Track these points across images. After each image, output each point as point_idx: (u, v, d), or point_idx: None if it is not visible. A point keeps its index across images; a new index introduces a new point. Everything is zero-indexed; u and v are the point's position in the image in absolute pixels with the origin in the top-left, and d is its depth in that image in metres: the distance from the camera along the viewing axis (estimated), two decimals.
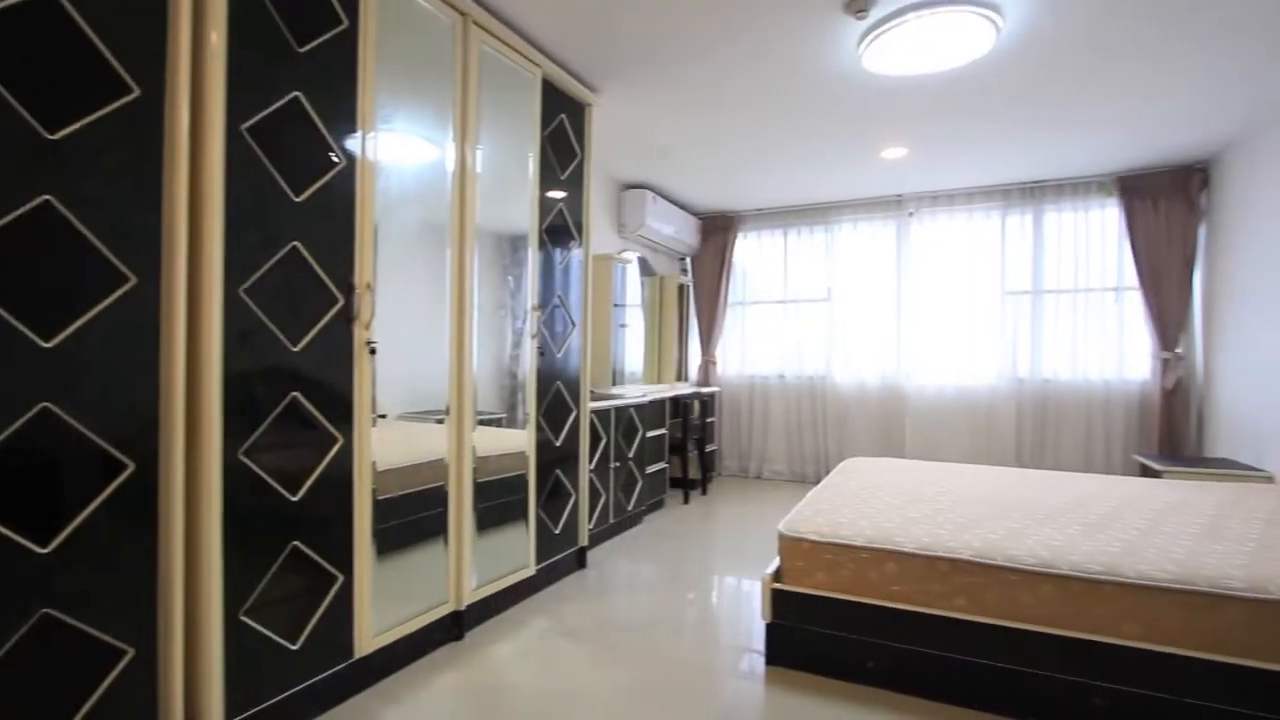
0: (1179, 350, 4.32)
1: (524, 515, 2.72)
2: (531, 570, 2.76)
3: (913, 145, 3.94)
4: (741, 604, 2.80)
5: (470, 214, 2.37)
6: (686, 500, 4.70)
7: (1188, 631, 1.72)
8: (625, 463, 3.84)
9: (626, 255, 4.66)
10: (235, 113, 1.60)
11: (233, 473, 1.60)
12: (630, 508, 3.92)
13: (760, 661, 2.20)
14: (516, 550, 2.68)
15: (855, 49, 2.69)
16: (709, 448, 5.37)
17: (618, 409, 3.74)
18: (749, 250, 5.78)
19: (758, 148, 4.01)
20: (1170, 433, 4.35)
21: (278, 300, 1.71)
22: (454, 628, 2.36)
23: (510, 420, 2.68)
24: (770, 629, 2.18)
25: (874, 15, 2.44)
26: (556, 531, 2.98)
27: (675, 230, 5.21)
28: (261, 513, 1.68)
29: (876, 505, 2.47)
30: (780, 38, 2.64)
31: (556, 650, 2.31)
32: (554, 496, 2.96)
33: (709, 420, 5.38)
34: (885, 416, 5.24)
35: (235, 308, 1.61)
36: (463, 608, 2.36)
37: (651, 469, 4.28)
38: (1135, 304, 4.47)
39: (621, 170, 4.55)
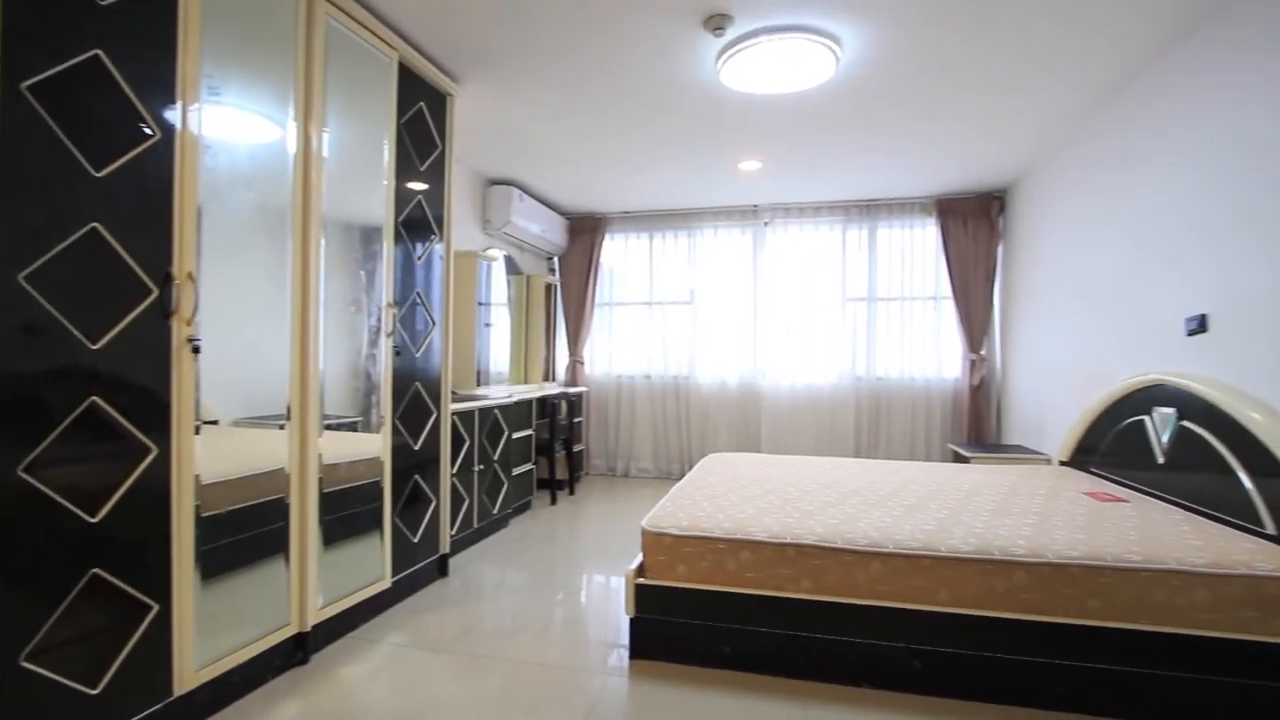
0: (983, 352, 5.00)
1: (378, 525, 2.56)
2: (387, 583, 2.61)
3: (767, 159, 4.21)
4: (610, 601, 2.83)
5: (315, 201, 2.19)
6: (554, 501, 4.68)
7: (985, 595, 1.99)
8: (490, 465, 3.75)
9: (492, 253, 4.55)
10: (13, 67, 1.36)
11: (10, 492, 1.36)
12: (496, 511, 3.83)
13: (626, 656, 2.24)
14: (370, 563, 2.52)
15: (714, 64, 2.83)
16: (577, 448, 5.38)
17: (482, 410, 3.63)
18: (616, 252, 5.87)
19: (623, 151, 4.09)
20: (976, 423, 5.02)
21: (71, 290, 1.48)
22: (297, 651, 2.17)
23: (365, 424, 2.51)
24: (634, 623, 2.23)
25: (731, 34, 2.58)
26: (415, 540, 2.83)
27: (543, 229, 5.17)
28: (50, 538, 1.44)
29: (733, 498, 2.61)
30: (643, 46, 2.71)
31: (414, 665, 2.20)
32: (412, 503, 2.81)
33: (576, 420, 5.39)
34: (743, 414, 5.55)
35: (13, 297, 1.37)
36: (307, 629, 2.18)
37: (518, 470, 4.21)
38: (949, 312, 5.11)
39: (487, 165, 4.43)
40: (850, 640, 2.06)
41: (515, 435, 4.17)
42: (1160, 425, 2.74)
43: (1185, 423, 2.57)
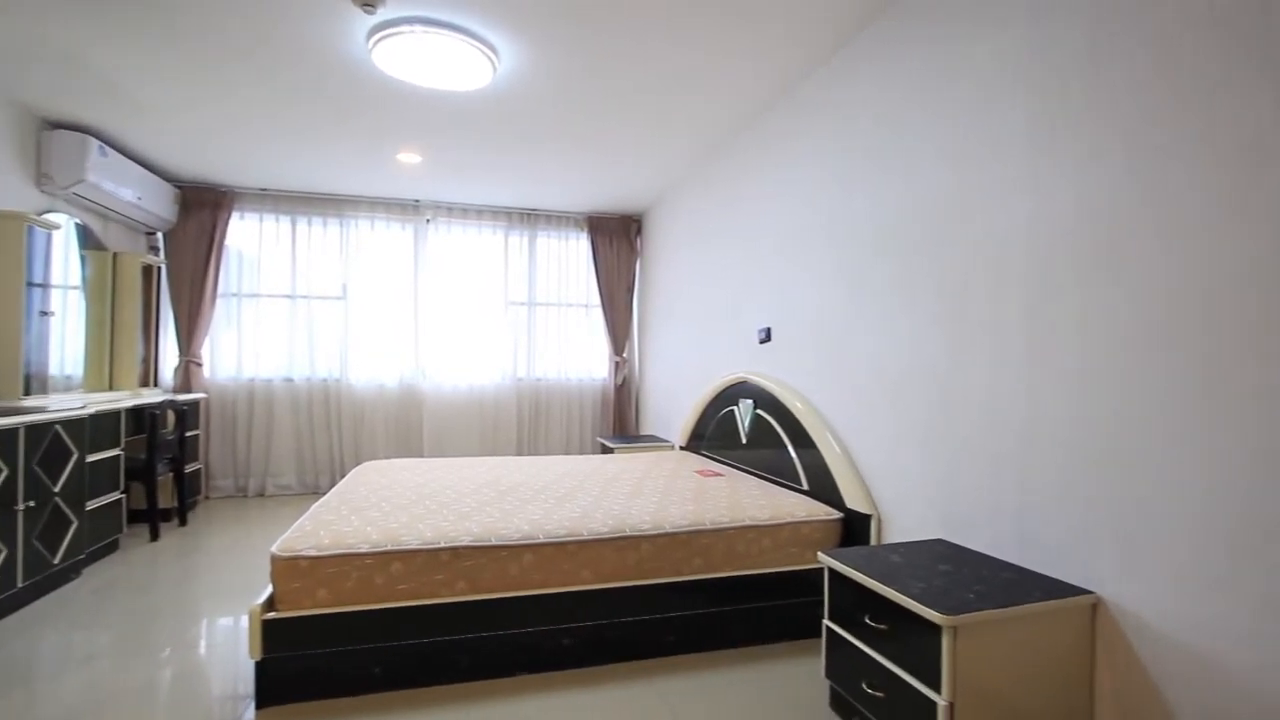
0: (625, 355, 5.70)
1: None
2: None
3: (427, 154, 4.09)
4: (239, 647, 2.39)
5: None
6: (156, 536, 3.76)
7: (620, 568, 2.27)
8: (48, 500, 2.83)
9: (52, 218, 3.45)
10: None
11: None
12: (58, 561, 2.90)
13: (252, 707, 1.93)
14: None
15: (365, 43, 2.63)
16: (191, 467, 4.43)
17: (32, 427, 2.72)
18: (250, 235, 5.01)
19: (257, 117, 3.51)
20: (620, 418, 5.69)
21: None
22: None
23: None
24: (263, 666, 1.93)
25: (383, 15, 2.44)
26: None
27: (140, 196, 4.11)
28: None
29: (386, 508, 2.47)
30: (281, 2, 2.37)
31: None
32: None
33: (190, 434, 4.44)
34: (404, 417, 5.28)
35: None
36: None
37: (97, 504, 3.28)
38: (598, 318, 5.70)
39: (45, 101, 3.33)
40: (506, 633, 2.13)
41: (93, 458, 3.23)
42: (743, 413, 3.51)
43: (759, 411, 3.33)
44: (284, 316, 5.07)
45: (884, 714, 1.66)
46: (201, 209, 4.77)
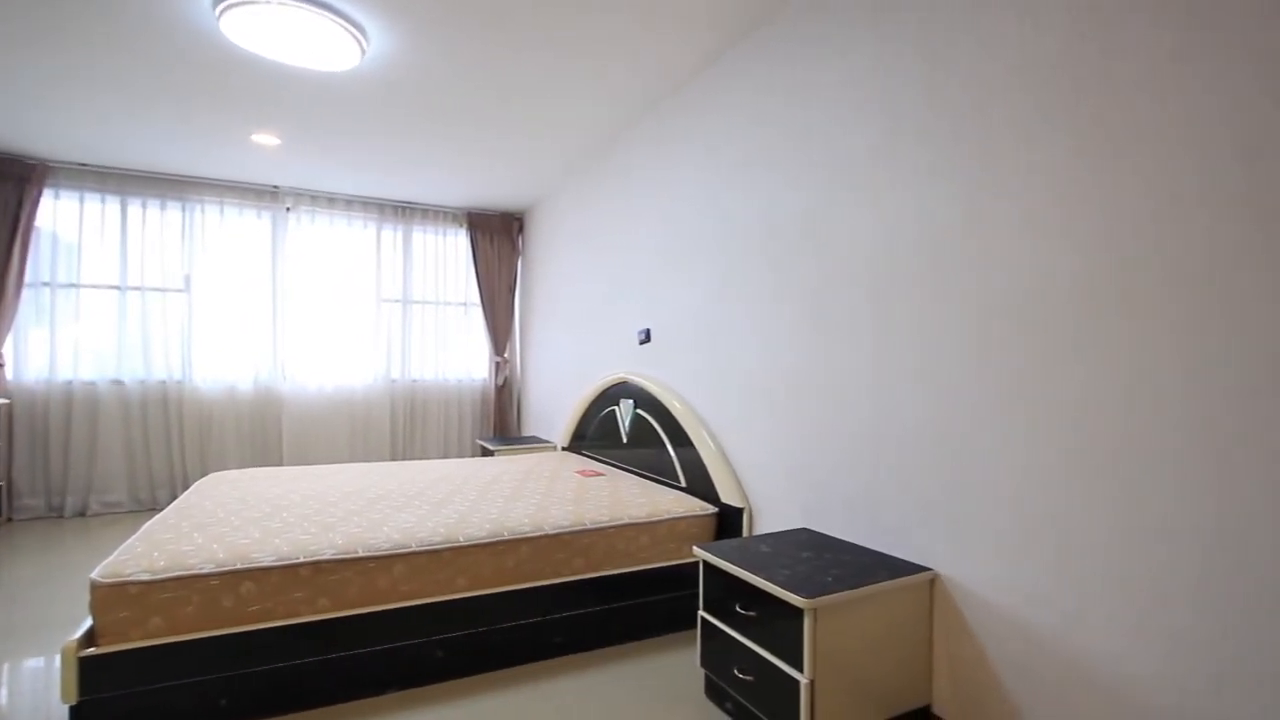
0: (506, 355, 5.58)
1: None
2: None
3: (287, 137, 3.77)
4: (51, 691, 2.07)
5: None
6: None
7: (498, 572, 2.23)
8: None
9: None
10: None
11: None
12: None
13: None
14: None
15: (212, 10, 2.38)
16: None
17: None
18: (67, 216, 4.35)
19: (77, 78, 3.06)
20: (501, 419, 5.57)
21: None
22: None
23: None
24: (79, 710, 1.69)
25: None
26: None
27: None
28: None
29: (236, 522, 2.25)
30: None
31: None
32: None
33: None
34: (259, 422, 4.84)
35: None
36: None
37: None
38: (478, 317, 5.54)
39: None
40: (374, 649, 2.01)
41: None
42: (624, 413, 3.55)
43: (640, 410, 3.39)
44: (112, 310, 4.46)
45: (753, 697, 1.75)
46: (3, 183, 4.09)
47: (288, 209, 4.87)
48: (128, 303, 4.49)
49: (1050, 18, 1.51)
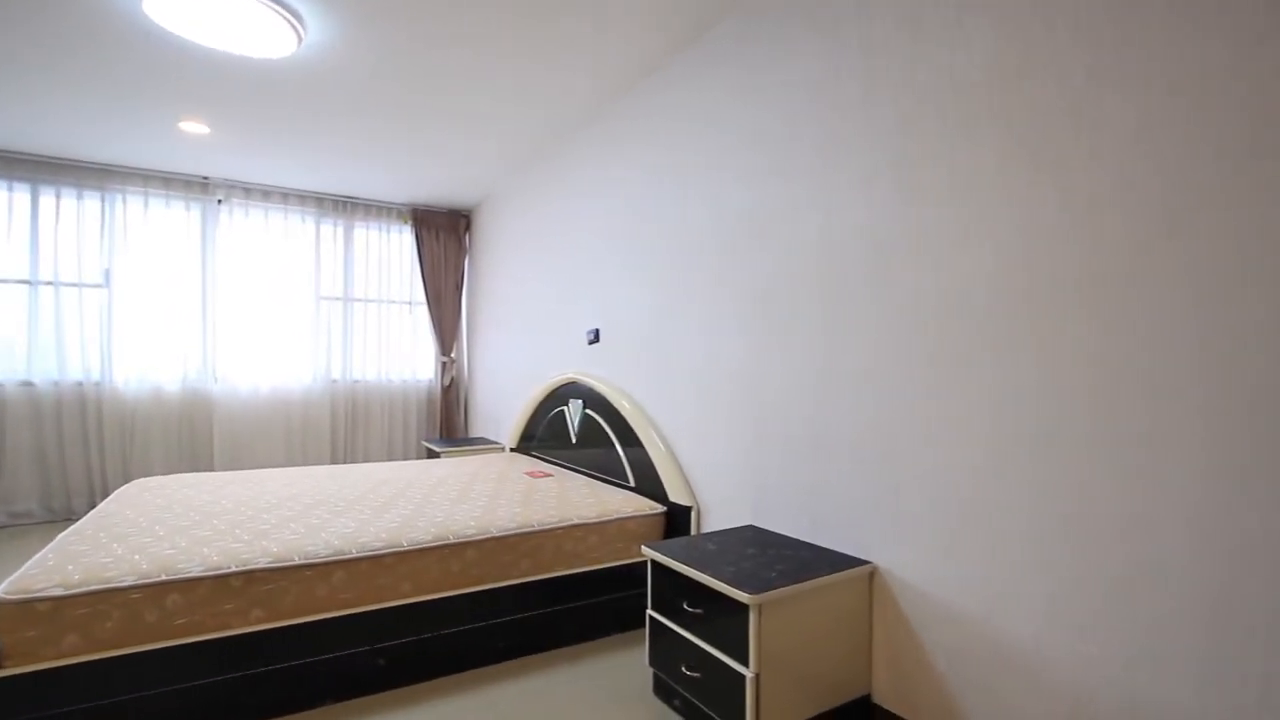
0: (453, 355, 5.47)
1: None
2: None
3: (217, 125, 3.60)
4: None
5: None
6: None
7: (444, 576, 2.18)
8: None
9: None
10: None
11: None
12: None
13: None
14: None
15: None
16: None
17: None
18: None
19: None
20: (448, 420, 5.45)
21: None
22: None
23: None
24: None
25: None
26: None
27: None
28: None
29: (160, 531, 2.13)
30: None
31: None
32: None
33: None
34: (189, 426, 4.59)
35: None
36: None
37: None
38: (423, 316, 5.41)
39: None
40: (311, 660, 1.94)
41: None
42: (573, 413, 3.54)
43: (589, 410, 3.38)
44: (19, 306, 4.15)
45: (700, 693, 1.77)
46: None
47: (219, 201, 4.64)
48: (39, 298, 4.19)
49: (973, 36, 1.58)
